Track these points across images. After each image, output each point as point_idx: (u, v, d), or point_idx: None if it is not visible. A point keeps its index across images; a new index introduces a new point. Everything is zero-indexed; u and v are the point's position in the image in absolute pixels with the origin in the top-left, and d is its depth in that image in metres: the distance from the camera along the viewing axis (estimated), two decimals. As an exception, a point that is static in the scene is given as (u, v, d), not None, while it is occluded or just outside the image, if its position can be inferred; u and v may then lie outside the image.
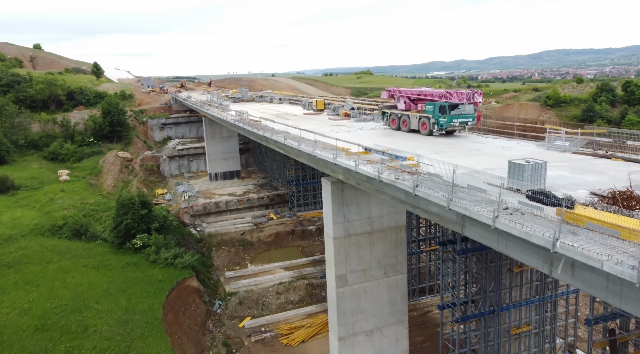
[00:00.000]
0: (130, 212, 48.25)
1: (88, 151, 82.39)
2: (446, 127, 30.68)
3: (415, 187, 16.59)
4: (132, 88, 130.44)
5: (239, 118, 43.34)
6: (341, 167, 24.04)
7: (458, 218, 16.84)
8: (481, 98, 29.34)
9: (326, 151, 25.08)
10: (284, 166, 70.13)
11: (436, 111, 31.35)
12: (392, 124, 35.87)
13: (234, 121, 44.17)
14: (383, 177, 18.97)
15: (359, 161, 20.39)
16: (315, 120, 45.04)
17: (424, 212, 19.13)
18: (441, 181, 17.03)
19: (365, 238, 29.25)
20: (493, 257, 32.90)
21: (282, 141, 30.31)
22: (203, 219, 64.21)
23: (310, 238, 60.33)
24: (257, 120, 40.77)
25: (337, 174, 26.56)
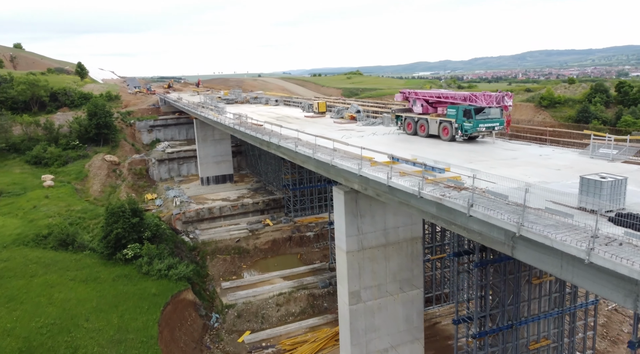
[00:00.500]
0: (121, 221, 45.58)
1: (73, 155, 79.09)
2: (472, 132, 28.65)
3: (470, 208, 14.49)
4: (118, 89, 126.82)
5: (239, 122, 40.81)
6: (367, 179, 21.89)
7: (507, 239, 14.87)
8: (511, 101, 27.41)
9: (346, 160, 22.85)
10: (279, 169, 67.82)
11: (460, 114, 29.30)
12: (407, 128, 33.80)
13: (234, 125, 41.70)
14: (425, 193, 16.73)
15: (391, 173, 18.24)
16: (320, 123, 42.80)
17: (461, 229, 17.15)
18: (493, 197, 14.92)
19: (380, 251, 27.24)
20: (512, 268, 31.15)
21: (292, 148, 28.06)
22: (196, 225, 61.64)
23: (308, 245, 58.15)
24: (260, 124, 38.43)
25: (352, 183, 24.49)
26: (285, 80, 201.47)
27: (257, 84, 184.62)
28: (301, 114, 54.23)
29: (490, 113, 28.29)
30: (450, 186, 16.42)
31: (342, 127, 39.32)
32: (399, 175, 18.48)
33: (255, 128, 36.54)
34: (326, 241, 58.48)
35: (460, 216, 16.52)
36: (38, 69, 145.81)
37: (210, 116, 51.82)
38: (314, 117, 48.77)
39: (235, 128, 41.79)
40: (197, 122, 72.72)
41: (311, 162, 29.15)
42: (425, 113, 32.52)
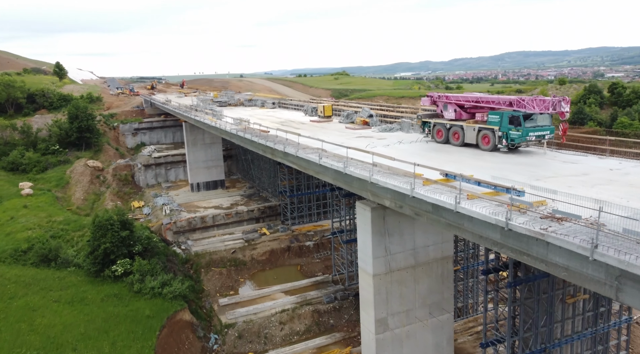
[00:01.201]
0: (109, 235, 41.94)
1: (53, 160, 74.63)
2: (519, 142, 25.78)
3: (594, 250, 11.49)
4: (99, 90, 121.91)
5: (243, 128, 37.32)
6: (404, 197, 18.99)
7: (609, 279, 12.17)
8: (569, 107, 24.71)
9: (389, 176, 19.66)
10: (274, 174, 64.64)
11: (505, 121, 26.33)
12: (437, 136, 30.90)
13: (237, 132, 38.27)
14: (517, 226, 13.59)
15: (459, 196, 15.28)
16: (330, 129, 39.56)
17: (536, 260, 14.43)
18: (610, 231, 11.98)
19: (409, 273, 24.47)
20: (545, 287, 28.67)
21: (315, 160, 24.84)
22: (188, 235, 58.07)
23: (308, 255, 55.09)
24: (266, 130, 35.22)
25: (382, 199, 21.63)
26: (272, 81, 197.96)
27: (243, 84, 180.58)
28: (305, 118, 50.86)
29: (539, 120, 25.62)
30: (550, 216, 13.51)
31: (356, 133, 36.05)
32: (467, 198, 15.64)
33: (264, 136, 33.12)
34: (327, 251, 55.57)
35: (537, 246, 13.81)
36: (13, 69, 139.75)
37: (207, 121, 48.28)
38: (321, 121, 45.56)
39: (238, 135, 38.30)
40: (187, 125, 69.06)
41: (328, 173, 26.20)
42: (459, 119, 29.70)
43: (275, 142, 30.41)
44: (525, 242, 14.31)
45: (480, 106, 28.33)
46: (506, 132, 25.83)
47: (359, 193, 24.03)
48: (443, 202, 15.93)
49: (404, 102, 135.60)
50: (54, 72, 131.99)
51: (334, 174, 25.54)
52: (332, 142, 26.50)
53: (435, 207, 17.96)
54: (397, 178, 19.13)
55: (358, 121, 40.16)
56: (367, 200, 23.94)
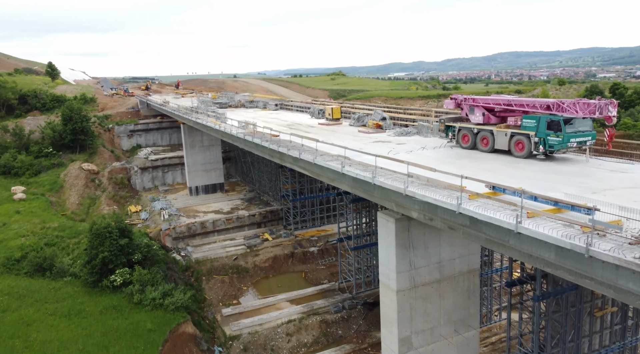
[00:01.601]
0: (107, 243, 40.03)
1: (47, 163, 72.39)
2: (559, 148, 23.99)
3: None
4: (92, 90, 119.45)
5: (251, 132, 35.29)
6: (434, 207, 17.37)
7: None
8: (615, 111, 23.11)
9: (428, 189, 17.79)
10: (276, 178, 62.89)
11: (542, 126, 24.42)
12: (462, 141, 29.21)
13: (244, 136, 36.31)
14: (602, 253, 11.74)
15: (521, 215, 13.58)
16: (342, 133, 37.95)
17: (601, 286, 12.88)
18: None
19: (434, 288, 22.89)
20: (574, 300, 27.18)
21: (337, 169, 22.99)
22: (187, 241, 56.19)
23: (312, 262, 53.43)
24: (275, 134, 33.43)
25: (408, 210, 20.03)
26: (268, 81, 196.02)
27: (239, 85, 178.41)
28: (312, 121, 48.97)
29: (579, 125, 23.95)
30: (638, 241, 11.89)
31: (371, 137, 34.14)
32: (527, 216, 13.98)
33: (276, 141, 31.13)
34: (332, 257, 53.93)
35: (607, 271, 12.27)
36: (4, 69, 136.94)
37: (210, 124, 46.26)
38: (330, 124, 43.63)
39: (246, 139, 36.28)
40: (185, 127, 67.15)
41: (345, 180, 24.53)
42: (487, 123, 28.06)
43: (288, 148, 28.59)
44: (588, 264, 12.77)
45: (511, 109, 26.57)
46: (544, 137, 24.11)
47: (380, 203, 22.43)
48: (501, 221, 14.27)
49: (403, 103, 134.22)
50: (46, 73, 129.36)
51: (352, 182, 23.92)
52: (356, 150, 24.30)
53: (474, 221, 16.39)
54: (436, 191, 17.40)
55: (370, 124, 38.45)
56: (389, 210, 22.33)
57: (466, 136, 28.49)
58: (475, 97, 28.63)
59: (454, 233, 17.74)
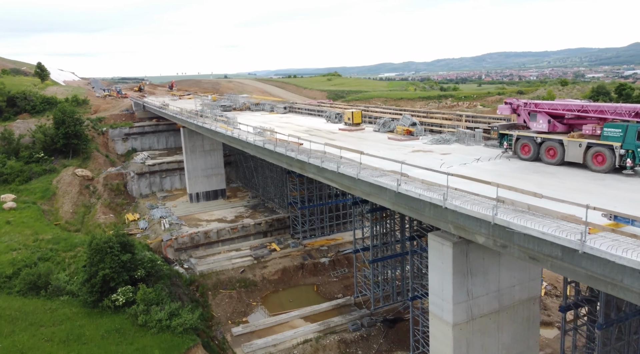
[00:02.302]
0: (108, 259, 36.85)
1: (38, 169, 68.76)
2: None
3: None
4: (84, 92, 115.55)
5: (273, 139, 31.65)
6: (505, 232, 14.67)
7: None
8: None
9: (530, 219, 14.82)
10: (282, 184, 59.97)
11: (631, 136, 21.30)
12: (521, 151, 26.22)
13: (263, 144, 32.80)
14: None
15: None
16: (370, 140, 34.87)
17: None
18: None
19: (492, 320, 20.20)
20: (637, 327, 24.57)
21: (392, 187, 19.37)
22: (190, 252, 53.06)
23: (324, 274, 50.57)
24: (299, 142, 30.39)
25: (472, 233, 17.28)
26: (262, 82, 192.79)
27: (233, 86, 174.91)
28: (329, 126, 45.92)
29: None
30: None
31: (407, 146, 30.49)
32: None
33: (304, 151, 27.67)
34: (344, 269, 51.16)
35: None
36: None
37: (220, 130, 42.84)
38: (352, 130, 40.32)
39: (266, 148, 32.86)
40: (185, 131, 63.96)
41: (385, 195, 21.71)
42: (554, 132, 25.33)
43: (322, 160, 25.57)
44: None
45: (584, 116, 23.63)
46: (633, 150, 21.28)
47: (431, 223, 19.68)
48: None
49: (403, 104, 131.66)
50: (35, 73, 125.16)
51: (394, 198, 21.14)
52: (419, 166, 20.62)
53: (568, 250, 13.66)
54: (541, 221, 14.37)
55: (399, 130, 35.56)
56: (443, 232, 19.56)
57: (526, 146, 25.60)
58: (538, 102, 25.77)
59: (540, 264, 15.07)
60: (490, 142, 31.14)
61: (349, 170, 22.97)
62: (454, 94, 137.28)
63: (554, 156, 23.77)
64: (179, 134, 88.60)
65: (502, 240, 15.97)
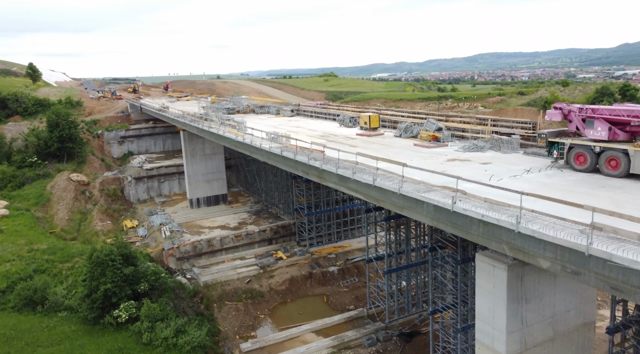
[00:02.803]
0: (110, 273, 34.65)
1: (31, 174, 66.15)
2: None
3: None
4: (77, 93, 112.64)
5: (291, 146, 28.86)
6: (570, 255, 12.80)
7: None
8: None
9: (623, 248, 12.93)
10: (287, 189, 57.93)
11: None
12: (575, 161, 23.60)
13: (280, 151, 30.24)
14: None
15: None
16: (395, 147, 32.50)
17: None
18: None
19: (546, 350, 18.36)
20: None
21: (446, 206, 17.54)
22: (193, 262, 50.84)
23: (333, 283, 48.57)
24: (320, 150, 28.23)
25: (534, 257, 15.36)
26: (259, 82, 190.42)
27: (229, 87, 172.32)
28: (345, 130, 43.47)
29: None
30: None
31: (439, 154, 27.72)
32: None
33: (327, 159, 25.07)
34: (354, 278, 49.21)
35: None
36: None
37: (229, 135, 40.09)
38: (371, 135, 37.86)
39: (284, 156, 30.10)
40: (185, 134, 61.69)
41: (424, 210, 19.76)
42: (614, 140, 22.97)
43: (354, 171, 23.32)
44: None
45: None
46: None
47: (478, 241, 17.76)
48: None
49: (402, 105, 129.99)
50: (27, 74, 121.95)
51: (434, 213, 19.23)
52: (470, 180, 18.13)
53: None
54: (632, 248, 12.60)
55: (424, 136, 33.55)
56: (493, 252, 17.63)
57: (582, 156, 23.40)
58: (596, 107, 23.74)
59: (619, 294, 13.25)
60: (530, 150, 28.81)
61: (388, 184, 20.92)
62: (454, 94, 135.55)
63: (616, 167, 21.69)
64: (176, 137, 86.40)
65: (574, 266, 14.12)
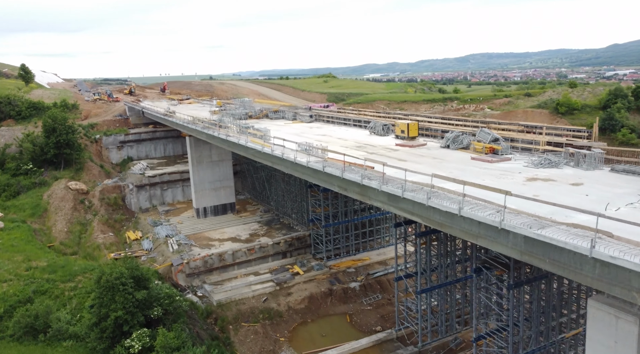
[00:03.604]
0: (120, 298, 31.29)
1: (26, 183, 62.43)
2: None
3: None
4: (71, 95, 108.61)
5: (335, 162, 24.70)
6: None
7: None
8: None
9: None
10: (302, 198, 54.77)
11: None
12: None
13: (323, 167, 25.44)
14: None
15: None
16: (451, 161, 28.66)
17: None
18: None
19: None
20: None
21: (584, 252, 14.14)
22: (204, 277, 47.53)
23: (355, 301, 45.50)
24: (369, 166, 24.86)
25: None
26: (257, 83, 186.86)
27: (227, 88, 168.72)
28: (378, 140, 39.52)
29: None
30: None
31: (505, 169, 25.31)
32: None
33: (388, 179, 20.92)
34: (376, 295, 46.20)
35: None
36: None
37: (253, 145, 35.45)
38: (413, 145, 33.82)
39: (327, 172, 25.49)
40: (191, 140, 58.30)
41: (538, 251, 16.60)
42: None
43: (429, 196, 19.91)
44: None
45: None
46: None
47: (592, 285, 14.72)
48: None
49: (407, 107, 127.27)
50: (19, 75, 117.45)
51: (525, 246, 16.19)
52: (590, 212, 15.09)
53: None
54: None
55: (479, 148, 30.28)
56: (611, 297, 14.57)
57: None
58: None
59: None
60: (620, 167, 25.53)
61: (483, 215, 17.55)
62: (459, 96, 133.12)
63: None
64: (178, 142, 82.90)
65: None
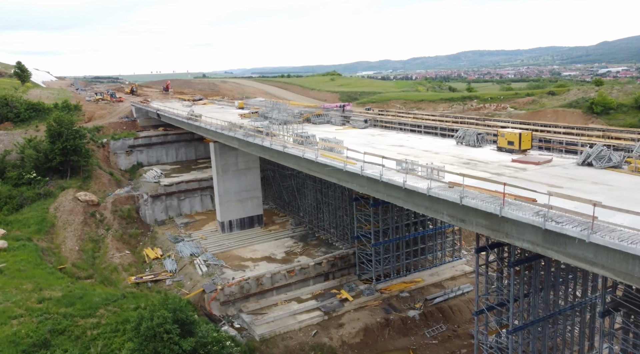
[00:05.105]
0: (166, 350, 25.47)
1: (30, 194, 56.05)
2: None
3: None
4: (71, 95, 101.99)
5: (472, 191, 17.87)
6: None
7: None
8: None
9: None
10: (344, 212, 49.06)
11: None
12: None
13: (460, 200, 18.55)
14: None
15: None
16: (624, 189, 22.02)
17: None
18: None
19: None
20: None
21: None
22: (240, 305, 41.67)
23: (416, 332, 39.89)
24: (531, 198, 19.05)
25: None
26: (261, 82, 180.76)
27: (230, 87, 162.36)
28: (477, 153, 32.57)
29: None
30: None
31: None
32: None
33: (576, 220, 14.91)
34: (440, 325, 40.62)
35: None
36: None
37: (324, 160, 27.99)
38: (539, 162, 27.17)
39: (465, 205, 18.46)
40: (216, 146, 52.34)
41: None
42: None
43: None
44: None
45: None
46: None
47: None
48: None
49: (424, 106, 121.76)
50: (15, 74, 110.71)
51: None
52: None
53: None
54: None
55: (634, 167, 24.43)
56: None
57: None
58: None
59: None
60: None
61: None
62: (479, 95, 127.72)
63: None
64: (191, 146, 76.88)
65: None
